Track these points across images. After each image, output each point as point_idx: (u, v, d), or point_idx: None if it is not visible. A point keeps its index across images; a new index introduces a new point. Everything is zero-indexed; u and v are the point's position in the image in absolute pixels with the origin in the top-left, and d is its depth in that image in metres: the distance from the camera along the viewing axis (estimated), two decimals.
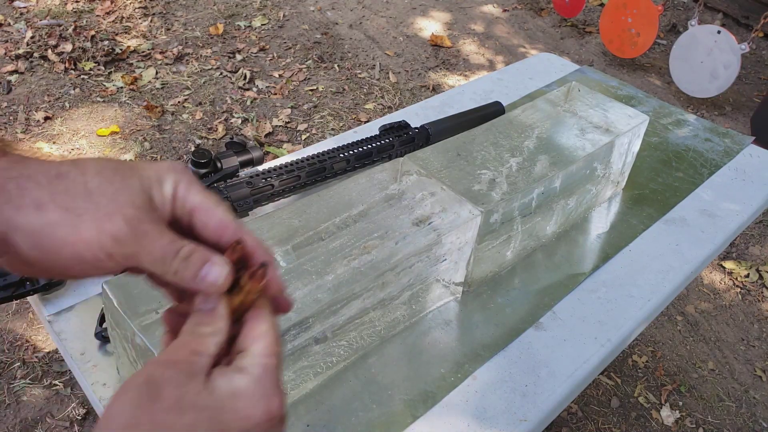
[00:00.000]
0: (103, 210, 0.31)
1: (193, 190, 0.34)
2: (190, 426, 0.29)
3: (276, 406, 0.32)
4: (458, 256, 0.67)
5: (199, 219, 0.34)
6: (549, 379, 0.66)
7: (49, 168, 0.32)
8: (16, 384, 1.32)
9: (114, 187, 0.32)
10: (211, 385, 0.31)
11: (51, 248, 0.31)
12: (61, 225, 0.31)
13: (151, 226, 0.32)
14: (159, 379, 0.30)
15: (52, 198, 0.31)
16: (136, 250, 0.32)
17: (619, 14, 2.57)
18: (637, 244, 0.84)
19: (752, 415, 1.45)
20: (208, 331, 0.32)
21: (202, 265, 0.32)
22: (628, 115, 0.83)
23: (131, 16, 2.67)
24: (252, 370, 0.32)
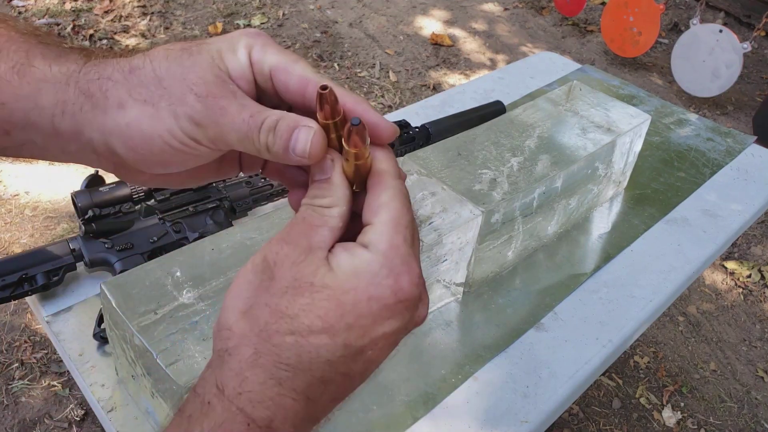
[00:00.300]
0: (175, 94, 0.29)
1: (269, 51, 0.31)
2: (307, 308, 0.27)
3: (406, 284, 0.28)
4: (459, 257, 0.67)
5: (279, 80, 0.31)
6: (550, 380, 0.65)
7: (123, 64, 0.31)
8: (14, 385, 1.31)
9: (183, 67, 0.30)
10: (331, 262, 0.28)
11: (141, 144, 0.30)
12: (142, 119, 0.30)
13: (229, 101, 0.29)
14: (274, 258, 0.28)
15: (130, 93, 0.30)
16: (218, 130, 0.30)
17: (620, 13, 2.57)
18: (638, 244, 0.83)
19: (754, 416, 1.44)
20: (326, 203, 0.29)
21: (291, 133, 0.29)
22: (629, 114, 0.83)
23: (130, 15, 2.66)
24: (377, 244, 0.28)
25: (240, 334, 0.27)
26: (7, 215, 1.66)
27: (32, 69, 0.30)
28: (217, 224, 0.71)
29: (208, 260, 0.55)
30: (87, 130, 0.30)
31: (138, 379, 0.54)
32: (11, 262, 0.64)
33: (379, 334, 0.28)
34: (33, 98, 0.30)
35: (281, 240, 0.29)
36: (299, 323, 0.27)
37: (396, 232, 0.29)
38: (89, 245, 0.67)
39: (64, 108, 0.30)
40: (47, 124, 0.30)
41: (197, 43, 0.31)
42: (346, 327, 0.27)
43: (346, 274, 0.27)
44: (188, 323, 0.50)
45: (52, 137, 0.30)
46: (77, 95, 0.30)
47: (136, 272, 0.54)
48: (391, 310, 0.28)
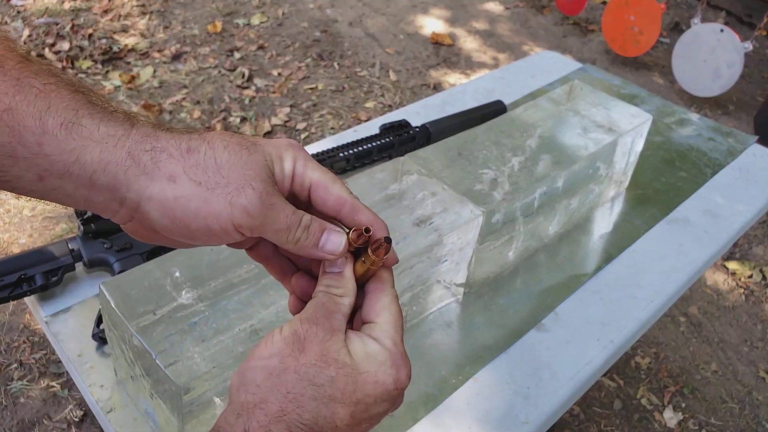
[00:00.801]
0: (234, 184, 0.33)
1: (310, 166, 0.37)
2: (332, 380, 0.32)
3: (404, 377, 0.34)
4: (459, 257, 0.67)
5: (318, 195, 0.37)
6: (551, 381, 0.65)
7: (180, 141, 0.34)
8: (13, 385, 1.31)
9: (242, 161, 0.34)
10: (349, 344, 0.34)
11: (182, 219, 0.33)
12: (193, 198, 0.33)
13: (277, 200, 0.34)
14: (304, 334, 0.33)
15: (185, 171, 0.33)
16: (263, 222, 0.34)
17: (621, 12, 2.56)
18: (640, 245, 0.83)
19: (755, 416, 1.44)
20: (339, 292, 0.35)
21: (321, 233, 0.36)
22: (631, 114, 0.82)
23: (129, 15, 2.66)
24: (383, 341, 0.34)
25: (267, 391, 0.32)
26: (6, 215, 1.66)
27: (80, 127, 0.32)
28: None
29: (207, 261, 0.55)
30: (124, 189, 0.33)
31: (137, 379, 0.54)
32: (10, 263, 0.64)
33: (375, 413, 0.34)
34: (77, 153, 0.32)
35: (309, 320, 0.34)
36: (323, 392, 0.32)
37: (396, 332, 0.35)
38: (88, 245, 0.67)
39: (107, 167, 0.32)
40: (85, 177, 0.32)
41: (251, 141, 0.35)
42: (356, 401, 0.33)
43: (360, 358, 0.33)
44: (187, 324, 0.50)
45: (84, 187, 0.33)
46: (125, 158, 0.32)
47: (135, 273, 0.53)
48: (389, 395, 0.34)
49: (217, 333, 0.50)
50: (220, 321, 0.51)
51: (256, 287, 0.54)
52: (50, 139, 0.31)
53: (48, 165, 0.32)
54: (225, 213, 0.33)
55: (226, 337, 0.50)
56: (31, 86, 0.31)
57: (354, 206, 0.37)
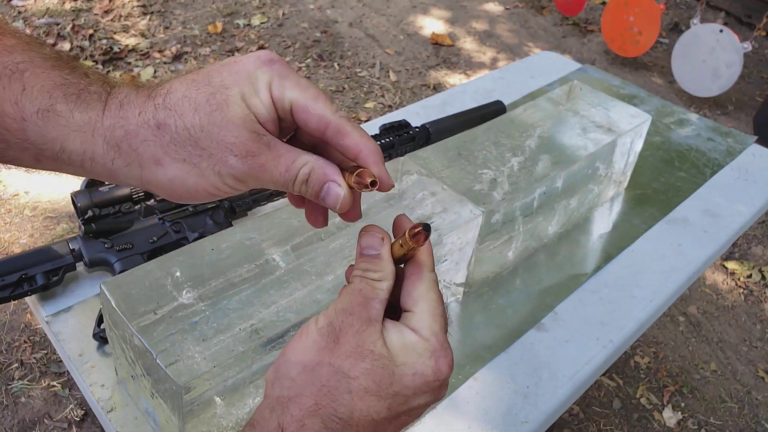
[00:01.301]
0: (216, 155, 0.32)
1: (287, 85, 0.33)
2: (367, 372, 0.31)
3: (445, 367, 0.33)
4: (459, 257, 0.67)
5: (299, 118, 0.33)
6: (551, 381, 0.65)
7: (147, 118, 0.32)
8: (14, 385, 1.31)
9: (216, 126, 0.31)
10: (385, 335, 0.32)
11: (185, 195, 0.33)
12: (186, 176, 0.32)
13: (266, 157, 0.32)
14: (339, 325, 0.32)
15: (165, 152, 0.32)
16: (258, 182, 0.33)
17: (621, 13, 2.56)
18: (639, 245, 0.83)
19: (754, 416, 1.44)
20: (376, 276, 0.34)
21: (322, 186, 0.34)
22: (630, 114, 0.83)
23: (129, 15, 2.66)
24: (421, 331, 0.33)
25: (302, 385, 0.32)
26: (7, 215, 1.66)
27: (56, 116, 0.31)
28: (216, 224, 0.71)
29: (207, 260, 0.55)
30: (121, 178, 0.33)
31: (138, 379, 0.54)
32: (11, 262, 0.64)
33: (414, 405, 0.33)
34: (60, 142, 0.31)
35: (344, 310, 0.33)
36: (358, 384, 0.31)
37: (434, 321, 0.34)
38: (89, 245, 0.67)
39: (93, 158, 0.32)
40: (77, 164, 0.32)
41: (220, 86, 0.32)
42: (393, 394, 0.31)
43: (398, 349, 0.32)
44: (188, 323, 0.50)
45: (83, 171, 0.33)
46: (106, 150, 0.32)
47: (135, 272, 0.54)
48: (429, 386, 0.32)
49: (218, 332, 0.50)
50: (221, 320, 0.51)
51: (256, 287, 0.54)
52: (31, 126, 0.31)
53: (38, 151, 0.31)
54: (219, 182, 0.32)
55: (226, 337, 0.50)
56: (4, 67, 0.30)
57: (339, 128, 0.33)
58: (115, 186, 0.68)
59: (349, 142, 0.33)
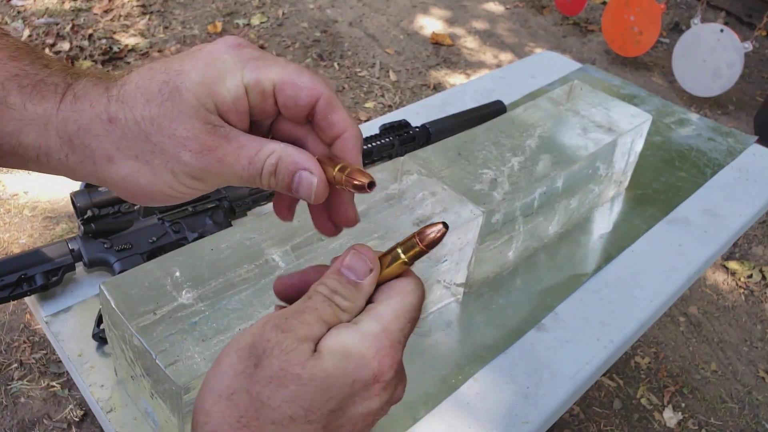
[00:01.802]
0: (168, 151, 0.29)
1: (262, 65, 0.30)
2: (292, 399, 0.26)
3: (387, 367, 0.28)
4: (459, 257, 0.67)
5: (286, 95, 0.30)
6: (551, 381, 0.65)
7: (99, 111, 0.29)
8: (13, 385, 1.31)
9: (168, 118, 0.28)
10: (320, 345, 0.28)
11: (142, 195, 0.30)
12: (137, 175, 0.29)
13: (224, 150, 0.29)
14: (264, 345, 0.27)
15: (117, 148, 0.29)
16: (219, 179, 0.30)
17: (621, 12, 2.56)
18: (639, 245, 0.83)
19: (755, 416, 1.44)
20: (345, 305, 0.29)
21: (293, 176, 0.30)
22: (630, 114, 0.83)
23: (129, 15, 2.66)
24: (371, 325, 0.28)
25: (218, 418, 0.27)
26: (6, 215, 1.66)
27: (9, 110, 0.29)
28: (216, 224, 0.71)
29: (207, 260, 0.55)
30: (78, 175, 0.31)
31: (137, 379, 0.54)
32: (10, 263, 0.64)
33: (357, 413, 0.28)
34: (16, 136, 0.29)
35: (276, 327, 0.27)
36: (281, 413, 0.26)
37: (397, 320, 0.29)
38: (88, 245, 0.67)
39: (49, 153, 0.30)
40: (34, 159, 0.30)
41: (175, 74, 0.29)
42: (329, 412, 0.27)
43: (336, 359, 0.27)
44: (187, 324, 0.50)
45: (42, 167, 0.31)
46: (60, 144, 0.30)
47: (135, 272, 0.53)
48: (370, 390, 0.28)
49: (218, 333, 0.50)
50: (221, 321, 0.51)
51: (256, 287, 0.54)
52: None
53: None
54: (174, 182, 0.29)
55: (226, 337, 0.50)
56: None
57: (330, 101, 0.30)
58: None
59: (338, 117, 0.31)
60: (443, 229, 0.30)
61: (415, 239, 0.30)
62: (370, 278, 0.30)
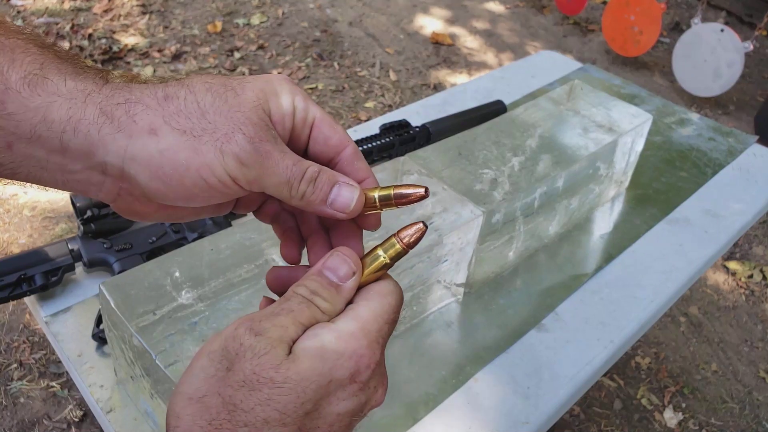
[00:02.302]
0: (222, 129, 0.29)
1: (311, 101, 0.32)
2: (266, 402, 0.26)
3: (364, 367, 0.28)
4: (459, 257, 0.67)
5: (321, 132, 0.32)
6: (551, 381, 0.65)
7: (155, 90, 0.30)
8: (13, 386, 1.31)
9: (228, 104, 0.29)
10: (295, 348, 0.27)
11: (172, 175, 0.29)
12: (180, 149, 0.28)
13: (273, 146, 0.30)
14: (237, 349, 0.27)
15: (166, 120, 0.29)
16: (260, 173, 0.29)
17: (622, 12, 2.56)
18: (640, 245, 0.83)
19: (756, 416, 1.44)
20: (324, 307, 0.29)
21: (331, 187, 0.31)
22: (631, 114, 0.82)
23: (129, 14, 2.66)
24: (348, 325, 0.28)
25: (189, 421, 0.27)
26: (6, 215, 1.66)
27: (45, 81, 0.29)
28: (216, 224, 0.71)
29: (207, 261, 0.55)
30: (101, 152, 0.29)
31: (137, 379, 0.54)
32: (10, 263, 0.64)
33: (333, 413, 0.28)
34: (43, 111, 0.28)
35: (250, 330, 0.27)
36: (254, 416, 0.26)
37: (375, 320, 0.29)
38: (88, 245, 0.67)
39: (77, 126, 0.29)
40: (55, 139, 0.29)
41: (238, 80, 0.31)
42: (303, 414, 0.27)
43: (312, 360, 0.27)
44: (187, 324, 0.50)
45: (56, 153, 0.29)
46: (96, 115, 0.29)
47: (134, 273, 0.53)
48: (346, 390, 0.28)
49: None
50: (221, 321, 0.51)
51: (256, 287, 0.54)
52: (13, 95, 0.28)
53: (14, 128, 0.28)
54: (217, 162, 0.29)
55: None
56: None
57: (356, 151, 0.33)
58: None
59: (362, 166, 0.33)
60: (423, 228, 0.31)
61: (395, 239, 0.31)
62: (352, 281, 0.30)
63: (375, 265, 0.31)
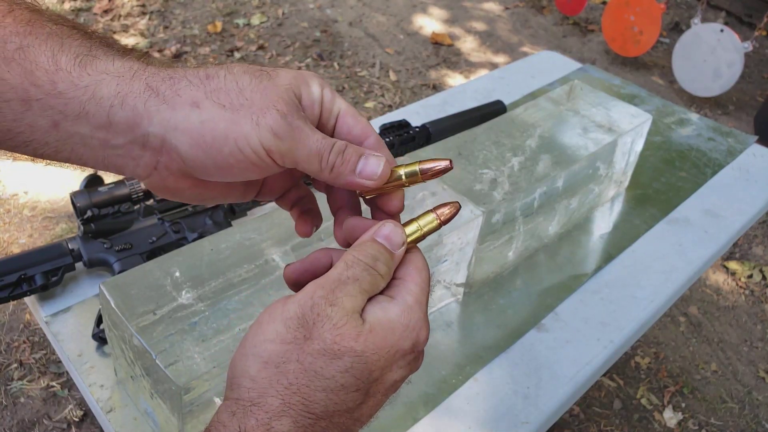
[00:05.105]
0: (258, 105, 0.31)
1: (337, 95, 0.35)
2: (346, 370, 0.28)
3: (423, 338, 0.31)
4: (459, 257, 0.67)
5: (345, 122, 0.35)
6: (551, 381, 0.65)
7: (197, 70, 0.33)
8: (13, 385, 1.31)
9: (263, 85, 0.32)
10: (367, 319, 0.30)
11: (212, 144, 0.31)
12: (220, 120, 0.31)
13: (304, 123, 0.32)
14: (314, 318, 0.29)
15: (207, 95, 0.31)
16: (292, 146, 0.32)
17: (621, 12, 2.56)
18: (640, 245, 0.83)
19: (755, 416, 1.44)
20: (384, 271, 0.32)
21: (359, 159, 0.33)
22: (630, 114, 0.82)
23: (129, 14, 2.66)
24: (409, 301, 0.31)
25: (265, 384, 0.29)
26: (6, 215, 1.66)
27: (95, 60, 0.31)
28: (216, 224, 0.71)
29: (207, 261, 0.55)
30: (145, 123, 0.31)
31: (137, 379, 0.54)
32: (10, 263, 0.64)
33: (391, 381, 0.31)
34: (92, 89, 0.31)
35: (325, 299, 0.29)
36: (334, 383, 0.29)
37: (422, 293, 0.32)
38: (88, 245, 0.67)
39: (125, 99, 0.31)
40: (102, 114, 0.31)
41: (272, 68, 0.34)
42: (373, 380, 0.30)
43: (385, 331, 0.30)
44: (187, 324, 0.50)
45: (101, 129, 0.31)
46: (143, 89, 0.31)
47: (135, 273, 0.53)
48: (405, 359, 0.31)
49: (218, 333, 0.50)
50: (221, 321, 0.51)
51: (256, 287, 0.54)
52: (64, 76, 0.30)
53: (62, 106, 0.30)
54: (253, 133, 0.31)
55: (226, 337, 0.50)
56: (43, 26, 0.31)
57: (378, 140, 0.35)
58: (115, 186, 0.68)
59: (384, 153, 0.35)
60: (458, 206, 0.35)
61: (433, 214, 0.35)
62: (401, 250, 0.33)
63: (414, 236, 0.34)
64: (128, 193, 0.68)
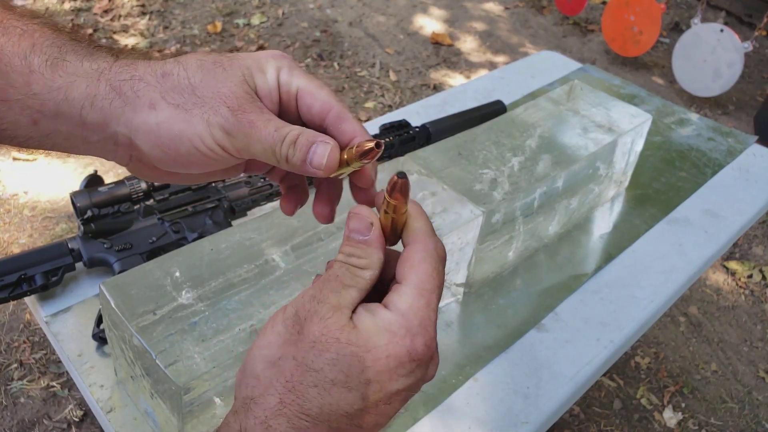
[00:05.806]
0: (209, 103, 0.32)
1: (296, 73, 0.35)
2: (333, 362, 0.29)
3: (420, 345, 0.30)
4: (459, 257, 0.67)
5: (304, 102, 0.35)
6: (551, 381, 0.65)
7: (155, 68, 0.33)
8: (13, 385, 1.31)
9: (216, 79, 0.33)
10: (355, 321, 0.30)
11: (169, 144, 0.33)
12: (174, 121, 0.32)
13: (257, 116, 0.33)
14: (305, 314, 0.30)
15: (162, 96, 0.33)
16: (246, 141, 0.33)
17: (621, 12, 2.56)
18: (640, 245, 0.83)
19: (755, 416, 1.44)
20: (361, 264, 0.32)
21: (309, 147, 0.33)
22: (630, 114, 0.82)
23: (129, 14, 2.66)
24: (400, 308, 0.30)
25: (266, 383, 0.29)
26: (6, 215, 1.66)
27: (65, 63, 0.32)
28: (216, 224, 0.71)
29: (207, 260, 0.55)
30: (113, 124, 0.33)
31: (137, 379, 0.54)
32: (10, 263, 0.64)
33: (393, 390, 0.30)
34: (64, 90, 0.32)
35: (313, 297, 0.31)
36: (323, 377, 0.29)
37: (419, 296, 0.31)
38: (88, 245, 0.67)
39: (93, 101, 0.32)
40: (75, 114, 0.32)
41: (228, 57, 0.34)
42: (366, 382, 0.29)
43: (370, 332, 0.29)
44: (187, 324, 0.50)
45: (77, 127, 0.33)
46: (108, 91, 0.33)
47: (135, 272, 0.53)
48: (405, 368, 0.30)
49: (217, 333, 0.50)
50: (220, 321, 0.51)
51: (256, 287, 0.54)
52: (38, 77, 0.32)
53: (39, 106, 0.32)
54: (206, 132, 0.32)
55: (226, 337, 0.50)
56: (14, 27, 0.32)
57: (340, 113, 0.34)
58: (115, 186, 0.68)
59: (348, 127, 0.34)
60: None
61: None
62: (374, 231, 0.32)
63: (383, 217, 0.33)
64: (128, 193, 0.68)
